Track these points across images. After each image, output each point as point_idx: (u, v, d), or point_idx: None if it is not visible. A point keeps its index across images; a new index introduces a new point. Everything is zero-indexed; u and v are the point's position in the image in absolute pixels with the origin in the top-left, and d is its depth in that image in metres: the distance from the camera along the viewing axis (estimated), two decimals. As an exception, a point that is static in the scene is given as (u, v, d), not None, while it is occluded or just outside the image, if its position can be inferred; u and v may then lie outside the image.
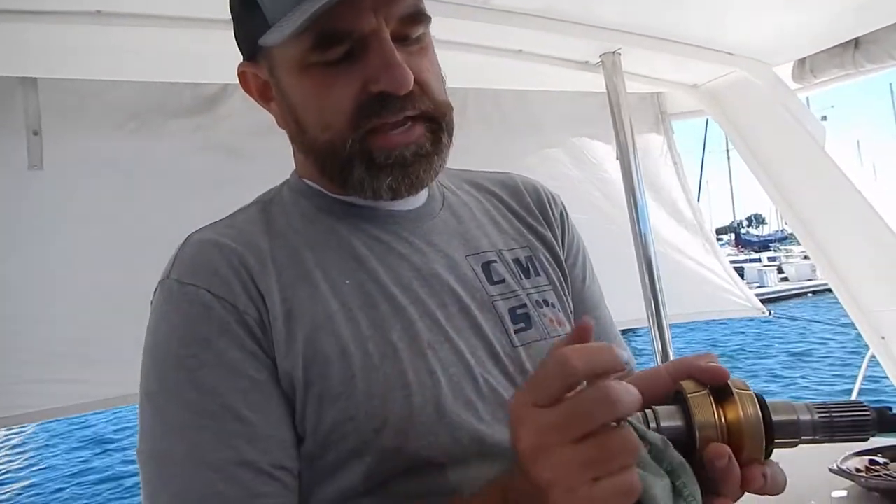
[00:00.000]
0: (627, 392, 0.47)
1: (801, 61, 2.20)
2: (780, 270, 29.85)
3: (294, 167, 0.84)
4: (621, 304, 2.29)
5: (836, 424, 0.54)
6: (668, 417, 0.53)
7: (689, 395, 0.53)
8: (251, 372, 0.65)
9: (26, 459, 10.54)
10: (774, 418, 0.53)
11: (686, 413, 0.52)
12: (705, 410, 0.52)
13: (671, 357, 2.01)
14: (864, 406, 0.54)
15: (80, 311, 1.67)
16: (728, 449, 0.51)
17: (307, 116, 0.73)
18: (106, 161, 1.80)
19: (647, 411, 0.53)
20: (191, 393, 0.64)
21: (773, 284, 26.61)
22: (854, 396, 2.86)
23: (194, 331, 0.66)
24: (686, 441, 0.51)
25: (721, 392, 0.53)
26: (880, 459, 1.47)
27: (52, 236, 1.71)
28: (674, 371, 0.57)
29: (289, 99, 0.74)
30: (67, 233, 1.73)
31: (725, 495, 0.53)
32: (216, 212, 0.80)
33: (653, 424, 0.52)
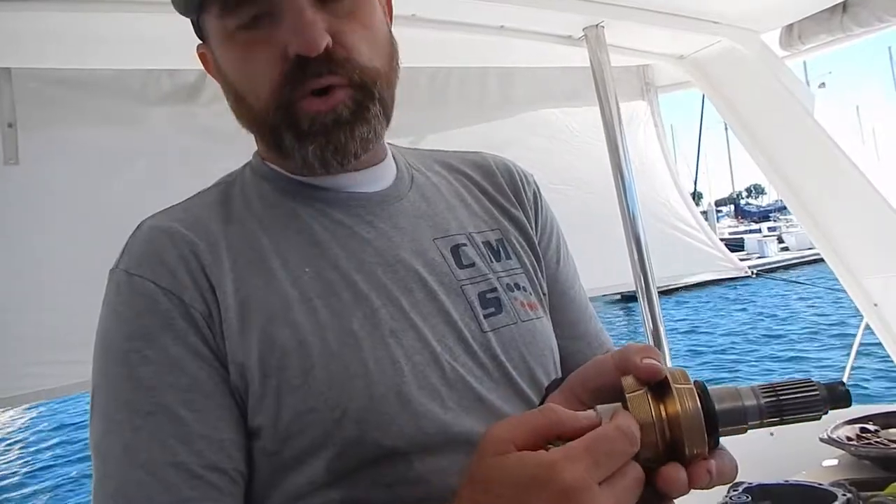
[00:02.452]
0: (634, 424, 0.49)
1: (789, 27, 2.17)
2: (780, 240, 29.88)
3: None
4: (605, 270, 2.31)
5: (784, 406, 0.52)
6: (609, 418, 0.51)
7: (626, 395, 0.51)
8: (192, 369, 0.64)
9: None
10: (718, 407, 0.51)
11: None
12: (643, 411, 0.50)
13: (661, 331, 2.01)
14: (812, 383, 0.52)
15: (66, 299, 1.67)
16: (681, 474, 0.49)
17: (241, 88, 0.72)
18: (85, 152, 1.78)
19: (590, 412, 0.51)
20: (129, 390, 0.63)
21: (774, 254, 26.66)
22: (850, 363, 2.87)
23: (139, 324, 0.65)
24: None
25: (660, 388, 0.51)
26: (871, 427, 1.47)
27: (34, 229, 1.70)
28: (619, 362, 0.55)
29: (223, 72, 0.73)
30: (49, 226, 1.71)
31: (671, 496, 0.51)
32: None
33: None
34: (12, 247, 1.69)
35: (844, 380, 0.56)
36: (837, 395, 0.52)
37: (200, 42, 0.77)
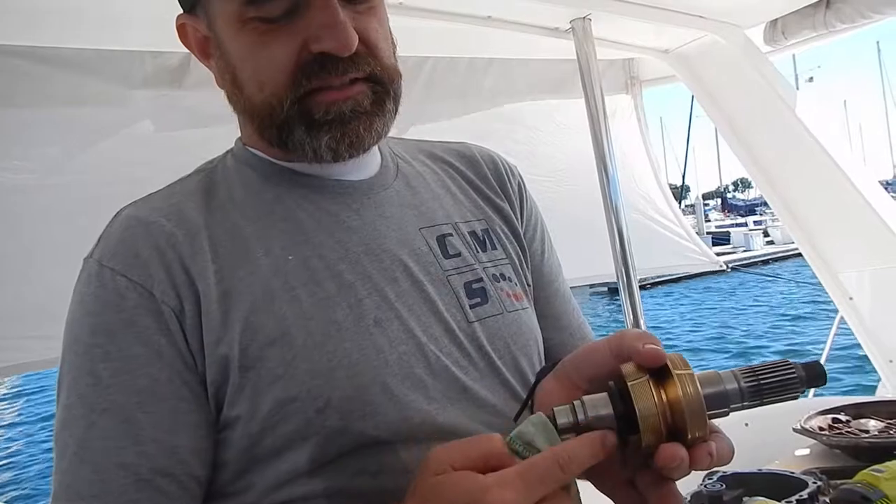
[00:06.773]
0: (578, 457, 0.50)
1: (773, 23, 2.19)
2: (765, 234, 30.10)
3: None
4: (585, 261, 2.34)
5: (764, 388, 0.53)
6: (596, 408, 0.53)
7: (629, 384, 0.52)
8: (152, 371, 0.63)
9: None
10: (702, 392, 0.52)
11: (616, 401, 0.52)
12: (646, 398, 0.51)
13: (642, 324, 2.04)
14: (790, 364, 0.54)
15: (49, 274, 1.65)
16: (681, 451, 0.50)
17: (244, 75, 0.69)
18: (66, 130, 1.78)
19: (576, 402, 0.53)
20: (89, 385, 0.63)
21: (759, 248, 26.86)
22: (824, 356, 2.90)
23: (103, 319, 0.64)
24: (620, 427, 0.52)
25: (660, 374, 0.52)
26: (843, 417, 1.50)
27: (17, 205, 1.72)
28: (615, 348, 0.56)
29: (226, 55, 0.70)
30: (31, 202, 1.73)
31: (672, 475, 0.53)
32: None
33: (581, 416, 0.52)
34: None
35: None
36: (814, 375, 0.54)
37: (183, 12, 0.73)
